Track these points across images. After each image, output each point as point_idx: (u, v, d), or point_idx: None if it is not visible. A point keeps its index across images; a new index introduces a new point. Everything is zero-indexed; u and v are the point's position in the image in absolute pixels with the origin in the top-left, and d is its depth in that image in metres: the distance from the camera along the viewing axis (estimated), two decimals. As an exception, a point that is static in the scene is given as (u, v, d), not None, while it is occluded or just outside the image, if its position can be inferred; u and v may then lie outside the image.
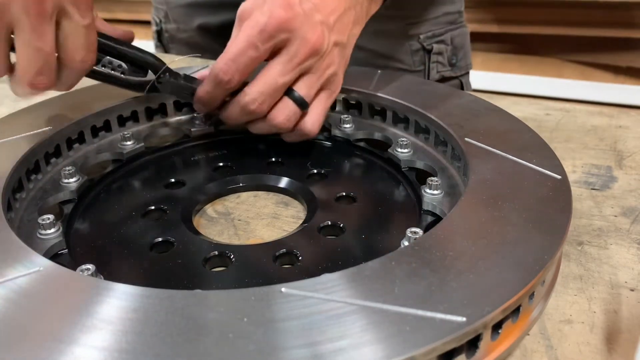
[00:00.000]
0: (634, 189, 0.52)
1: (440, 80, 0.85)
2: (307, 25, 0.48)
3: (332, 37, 0.50)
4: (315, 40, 0.48)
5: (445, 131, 0.49)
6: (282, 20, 0.47)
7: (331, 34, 0.50)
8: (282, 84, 0.49)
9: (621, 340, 0.35)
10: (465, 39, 0.88)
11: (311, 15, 0.48)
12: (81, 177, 0.49)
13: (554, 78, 1.97)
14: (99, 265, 0.36)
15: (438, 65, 0.85)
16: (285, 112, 0.51)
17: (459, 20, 0.86)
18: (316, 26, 0.48)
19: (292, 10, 0.47)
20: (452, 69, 0.86)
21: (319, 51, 0.49)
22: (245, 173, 0.54)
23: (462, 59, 0.87)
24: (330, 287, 0.29)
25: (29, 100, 0.76)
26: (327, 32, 0.50)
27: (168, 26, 0.95)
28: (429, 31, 0.83)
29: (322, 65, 0.50)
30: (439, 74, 0.85)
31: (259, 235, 0.46)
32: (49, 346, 0.26)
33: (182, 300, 0.29)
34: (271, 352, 0.26)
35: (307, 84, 0.50)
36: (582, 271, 0.41)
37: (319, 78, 0.51)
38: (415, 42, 0.82)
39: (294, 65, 0.49)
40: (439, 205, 0.44)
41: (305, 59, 0.49)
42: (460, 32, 0.87)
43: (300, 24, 0.47)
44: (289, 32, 0.47)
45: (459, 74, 0.88)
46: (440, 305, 0.28)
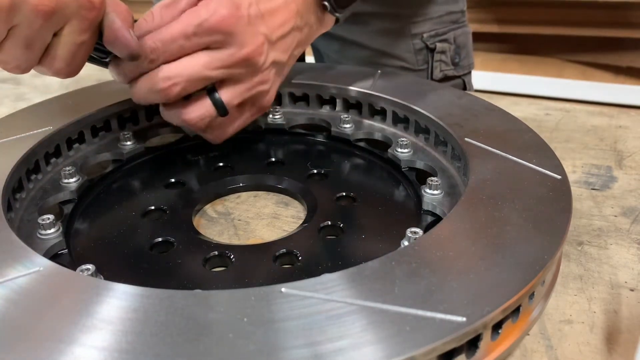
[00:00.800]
0: (634, 189, 0.52)
1: (443, 79, 0.86)
2: (249, 33, 0.46)
3: (271, 54, 0.49)
4: (253, 50, 0.47)
5: (445, 131, 0.49)
6: (223, 20, 0.45)
7: (271, 51, 0.49)
8: (203, 75, 0.46)
9: (621, 340, 0.35)
10: (468, 38, 0.89)
11: (255, 24, 0.47)
12: (81, 177, 0.49)
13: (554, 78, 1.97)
14: (99, 265, 0.36)
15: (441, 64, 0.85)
16: (201, 111, 0.49)
17: (462, 19, 0.87)
18: (257, 37, 0.47)
19: (236, 12, 0.45)
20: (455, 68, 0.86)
21: (253, 63, 0.47)
22: (245, 173, 0.54)
23: (464, 58, 0.88)
24: (330, 287, 0.29)
25: (29, 100, 0.76)
26: (268, 47, 0.48)
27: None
28: (432, 30, 0.83)
29: (254, 79, 0.49)
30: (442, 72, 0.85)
31: (259, 235, 0.46)
32: (49, 346, 0.26)
33: (182, 300, 0.29)
34: (271, 352, 0.26)
35: (232, 91, 0.49)
36: (582, 271, 0.41)
37: (247, 90, 0.49)
38: (418, 40, 0.82)
39: (223, 65, 0.46)
40: (439, 205, 0.44)
41: (237, 64, 0.47)
42: (463, 31, 0.87)
43: (242, 29, 0.46)
44: (227, 34, 0.45)
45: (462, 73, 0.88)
46: (440, 305, 0.28)
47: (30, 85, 0.84)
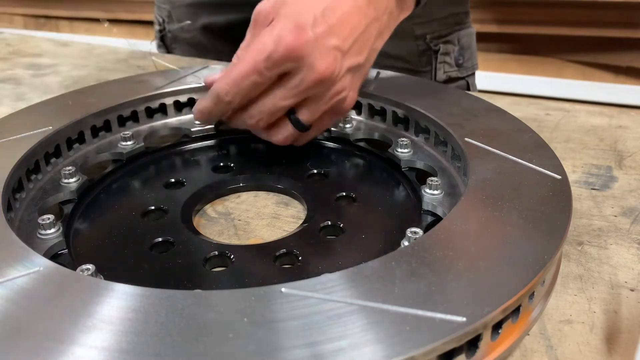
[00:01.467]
0: (634, 189, 0.52)
1: (446, 80, 0.85)
2: (318, 52, 0.45)
3: (345, 63, 0.48)
4: (325, 69, 0.45)
5: (445, 131, 0.49)
6: (290, 48, 0.44)
7: (345, 60, 0.47)
8: (282, 107, 0.48)
9: (621, 340, 0.35)
10: (472, 39, 0.88)
11: (324, 41, 0.45)
12: (81, 177, 0.49)
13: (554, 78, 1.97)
14: (99, 265, 0.36)
15: (445, 65, 0.84)
16: (284, 134, 0.51)
17: (466, 20, 0.86)
18: (328, 54, 0.45)
19: (302, 35, 0.44)
20: (458, 69, 0.86)
21: (327, 80, 0.46)
22: (245, 173, 0.54)
23: (468, 59, 0.87)
24: (330, 287, 0.29)
25: (29, 100, 0.76)
26: (341, 59, 0.47)
27: (171, 26, 0.94)
28: (435, 31, 0.82)
29: (330, 93, 0.48)
30: (445, 74, 0.85)
31: (259, 235, 0.46)
32: (49, 346, 0.26)
33: (182, 300, 0.29)
34: (271, 352, 0.26)
35: (310, 109, 0.49)
36: (582, 271, 0.41)
37: (325, 104, 0.49)
38: (422, 42, 0.82)
39: (299, 92, 0.47)
40: (439, 205, 0.44)
41: (311, 88, 0.47)
42: (467, 32, 0.86)
43: (311, 51, 0.44)
44: (297, 61, 0.45)
45: (466, 74, 0.87)
46: (440, 305, 0.28)
47: (30, 85, 0.84)
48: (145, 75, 0.65)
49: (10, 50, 1.04)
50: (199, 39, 0.91)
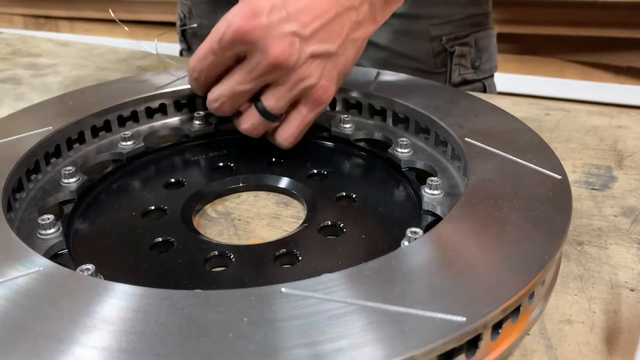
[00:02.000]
0: (634, 189, 0.52)
1: (461, 82, 0.83)
2: (271, 38, 0.45)
3: (307, 49, 0.47)
4: (279, 54, 0.45)
5: (445, 131, 0.49)
6: (239, 32, 0.45)
7: (306, 45, 0.47)
8: (240, 91, 0.49)
9: (621, 340, 0.35)
10: (491, 41, 0.86)
11: (279, 27, 0.45)
12: (81, 177, 0.49)
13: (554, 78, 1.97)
14: (99, 265, 0.36)
15: (460, 67, 0.83)
16: (250, 121, 0.51)
17: (485, 22, 0.84)
18: (283, 39, 0.45)
19: (254, 20, 0.45)
20: (475, 71, 0.84)
21: (283, 65, 0.46)
22: (245, 173, 0.54)
23: (486, 61, 0.85)
24: (330, 287, 0.29)
25: (29, 100, 0.76)
26: (300, 44, 0.46)
27: (191, 22, 0.94)
28: (451, 33, 0.80)
29: (292, 78, 0.48)
30: (460, 76, 0.83)
31: (259, 235, 0.46)
32: (49, 346, 0.26)
33: (182, 300, 0.29)
34: (271, 352, 0.26)
35: (274, 95, 0.49)
36: (582, 271, 0.41)
37: (289, 90, 0.49)
38: (437, 43, 0.80)
39: (254, 76, 0.47)
40: (439, 205, 0.44)
41: (267, 72, 0.47)
42: (486, 34, 0.84)
43: (263, 36, 0.45)
44: (248, 44, 0.45)
45: (482, 76, 0.85)
46: (440, 305, 0.28)
47: (30, 85, 0.84)
48: (145, 75, 0.65)
49: (10, 50, 1.04)
50: None
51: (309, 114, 0.51)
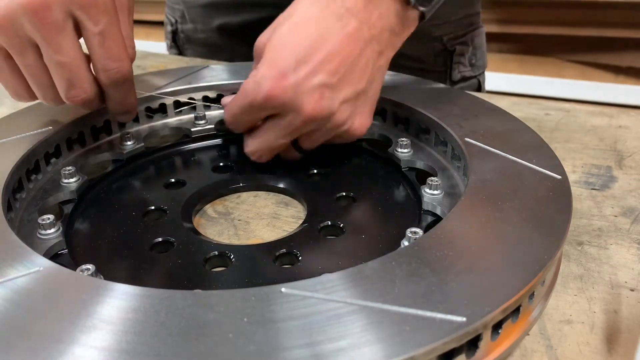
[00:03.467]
0: (634, 189, 0.52)
1: (461, 80, 0.86)
2: (302, 95, 0.44)
3: (339, 96, 0.46)
4: (312, 110, 0.45)
5: (445, 131, 0.49)
6: (269, 96, 0.44)
7: (337, 93, 0.46)
8: (277, 145, 0.49)
9: (621, 340, 0.35)
10: (483, 39, 0.89)
11: (307, 82, 0.44)
12: (81, 177, 0.49)
13: (554, 78, 1.97)
14: (99, 265, 0.36)
15: (460, 65, 0.85)
16: (289, 156, 0.52)
17: (477, 20, 0.87)
18: (314, 93, 0.44)
19: (283, 81, 0.44)
20: (471, 68, 0.87)
21: (317, 119, 0.46)
22: (245, 173, 0.54)
23: (480, 58, 0.88)
24: (330, 287, 0.29)
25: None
26: (330, 94, 0.45)
27: (184, 26, 0.94)
28: (452, 33, 0.83)
29: (327, 126, 0.47)
30: (460, 74, 0.86)
31: (259, 235, 0.46)
32: (49, 346, 0.26)
33: (182, 300, 0.29)
34: (271, 352, 0.26)
35: (311, 141, 0.49)
36: (582, 271, 0.41)
37: (324, 135, 0.49)
38: (438, 43, 0.83)
39: (289, 132, 0.47)
40: (439, 205, 0.44)
41: (302, 127, 0.47)
42: (479, 32, 0.88)
43: (293, 95, 0.44)
44: (279, 106, 0.45)
45: (478, 73, 0.89)
46: (440, 305, 0.28)
47: (30, 85, 0.84)
48: (145, 75, 0.65)
49: (10, 50, 1.04)
50: (213, 39, 0.90)
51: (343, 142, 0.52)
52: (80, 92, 0.45)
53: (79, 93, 0.45)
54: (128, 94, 0.49)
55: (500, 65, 2.00)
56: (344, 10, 0.45)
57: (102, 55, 0.44)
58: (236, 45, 0.86)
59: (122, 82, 0.47)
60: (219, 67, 0.66)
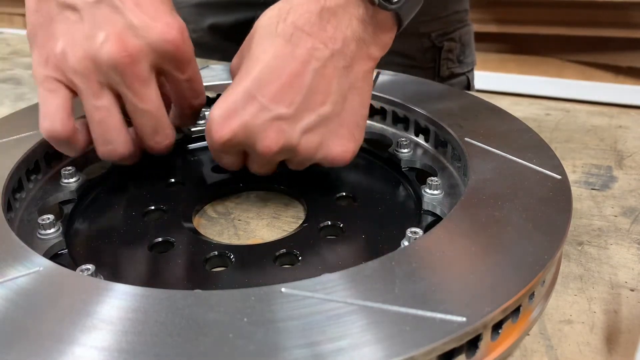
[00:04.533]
0: (634, 189, 0.52)
1: (449, 76, 0.87)
2: (255, 134, 0.42)
3: (297, 127, 0.42)
4: (270, 147, 0.42)
5: (445, 131, 0.49)
6: (222, 140, 0.42)
7: (296, 123, 0.42)
8: (265, 171, 0.47)
9: (621, 340, 0.35)
10: (471, 36, 0.91)
11: (257, 118, 0.42)
12: (81, 177, 0.49)
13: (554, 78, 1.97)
14: (99, 265, 0.36)
15: (448, 62, 0.86)
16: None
17: (465, 18, 0.88)
18: (267, 129, 0.42)
19: (231, 122, 0.42)
20: (460, 65, 0.88)
21: (281, 151, 0.43)
22: (245, 173, 0.53)
23: (468, 55, 0.90)
24: (330, 287, 0.29)
25: (29, 100, 0.76)
26: (288, 126, 0.42)
27: None
28: (440, 29, 0.84)
29: (298, 158, 0.45)
30: (448, 70, 0.87)
31: (259, 235, 0.46)
32: (49, 346, 0.26)
33: (182, 300, 0.29)
34: (271, 352, 0.26)
35: (295, 164, 0.47)
36: (582, 271, 0.41)
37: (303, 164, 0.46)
38: (426, 39, 0.84)
39: (264, 164, 0.46)
40: (439, 205, 0.44)
41: (272, 159, 0.45)
42: (467, 30, 0.89)
43: (246, 134, 0.42)
44: (237, 145, 0.43)
45: (466, 70, 0.90)
46: (440, 305, 0.28)
47: (30, 85, 0.84)
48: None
49: (10, 50, 1.04)
50: (205, 39, 0.89)
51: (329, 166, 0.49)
52: (164, 138, 0.46)
53: (162, 138, 0.46)
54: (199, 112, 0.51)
55: (500, 65, 2.00)
56: (292, 29, 0.41)
57: (190, 96, 0.48)
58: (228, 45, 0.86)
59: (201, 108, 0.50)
60: (219, 67, 0.66)
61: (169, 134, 0.46)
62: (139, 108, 0.43)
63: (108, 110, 0.43)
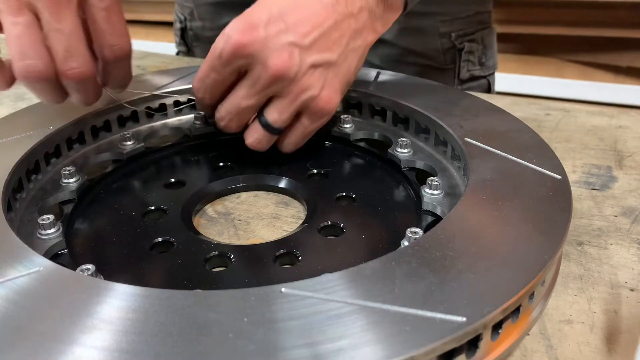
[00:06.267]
0: (634, 189, 0.52)
1: (469, 79, 0.86)
2: (270, 50, 0.45)
3: (307, 59, 0.46)
4: (279, 66, 0.45)
5: (445, 131, 0.49)
6: (238, 46, 0.44)
7: (306, 55, 0.46)
8: (245, 106, 0.48)
9: (621, 340, 0.35)
10: (494, 39, 0.89)
11: (277, 38, 0.45)
12: (81, 177, 0.49)
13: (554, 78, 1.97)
14: (99, 265, 0.36)
15: (469, 64, 0.85)
16: (255, 135, 0.51)
17: (488, 20, 0.87)
18: (282, 50, 0.45)
19: (251, 34, 0.44)
20: (481, 68, 0.87)
21: (284, 76, 0.45)
22: (245, 173, 0.54)
23: (490, 58, 0.88)
24: (330, 287, 0.29)
25: (29, 100, 0.76)
26: (299, 54, 0.46)
27: (193, 24, 0.93)
28: (460, 30, 0.82)
29: (294, 89, 0.47)
30: (469, 72, 0.85)
31: (259, 235, 0.46)
32: (49, 346, 0.26)
33: (182, 300, 0.29)
34: (271, 352, 0.26)
35: (277, 108, 0.48)
36: (582, 271, 0.41)
37: (291, 102, 0.48)
38: (446, 40, 0.82)
39: (257, 90, 0.47)
40: (439, 205, 0.44)
41: (269, 85, 0.46)
42: (490, 31, 0.87)
43: (260, 48, 0.44)
44: (247, 57, 0.45)
45: (487, 73, 0.88)
46: (440, 305, 0.28)
47: (30, 85, 0.84)
48: (145, 75, 0.65)
49: (10, 50, 1.04)
50: None
51: (311, 124, 0.51)
52: (78, 65, 0.44)
53: (76, 65, 0.44)
54: (128, 70, 0.50)
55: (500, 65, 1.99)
56: None
57: (107, 31, 0.45)
58: None
59: (124, 58, 0.48)
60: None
61: (84, 62, 0.44)
62: (54, 27, 0.42)
63: (26, 26, 0.42)
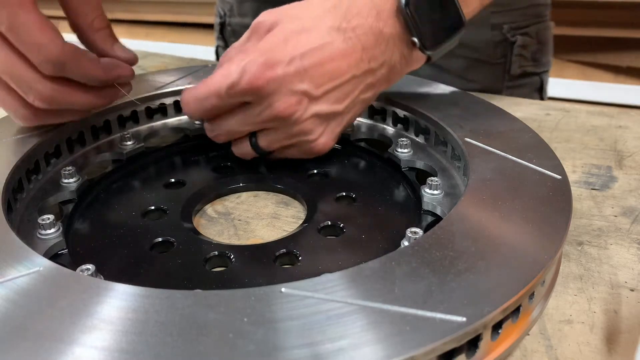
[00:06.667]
0: (634, 189, 0.52)
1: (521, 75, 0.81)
2: (280, 93, 0.44)
3: (313, 108, 0.46)
4: (283, 109, 0.45)
5: (445, 131, 0.49)
6: (254, 86, 0.44)
7: (313, 105, 0.46)
8: (238, 130, 0.49)
9: (621, 340, 0.35)
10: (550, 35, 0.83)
11: (291, 82, 0.44)
12: (81, 177, 0.49)
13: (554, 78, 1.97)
14: (99, 265, 0.36)
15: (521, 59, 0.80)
16: (243, 150, 0.52)
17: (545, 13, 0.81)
18: (291, 96, 0.45)
19: (269, 73, 0.43)
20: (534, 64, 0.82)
21: (285, 119, 0.46)
22: (245, 173, 0.54)
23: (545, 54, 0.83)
24: (330, 287, 0.29)
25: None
26: (307, 103, 0.46)
27: (233, 20, 0.93)
28: (514, 22, 0.77)
29: (292, 130, 0.47)
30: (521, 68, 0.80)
31: (259, 235, 0.46)
32: (49, 346, 0.26)
33: (182, 300, 0.29)
34: (271, 352, 0.26)
35: (270, 138, 0.49)
36: (582, 271, 0.41)
37: (286, 138, 0.49)
38: (497, 32, 0.77)
39: (255, 122, 0.47)
40: (439, 205, 0.44)
41: (268, 122, 0.47)
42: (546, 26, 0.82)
43: (273, 89, 0.44)
44: (258, 95, 0.45)
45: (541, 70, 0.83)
46: (440, 305, 0.28)
47: (30, 85, 0.84)
48: (145, 75, 0.65)
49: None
50: None
51: (299, 156, 0.52)
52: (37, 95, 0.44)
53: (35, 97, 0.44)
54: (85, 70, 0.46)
55: (500, 65, 2.00)
56: (352, 34, 0.45)
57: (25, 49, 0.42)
58: None
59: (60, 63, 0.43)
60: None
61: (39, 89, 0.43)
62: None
63: None
